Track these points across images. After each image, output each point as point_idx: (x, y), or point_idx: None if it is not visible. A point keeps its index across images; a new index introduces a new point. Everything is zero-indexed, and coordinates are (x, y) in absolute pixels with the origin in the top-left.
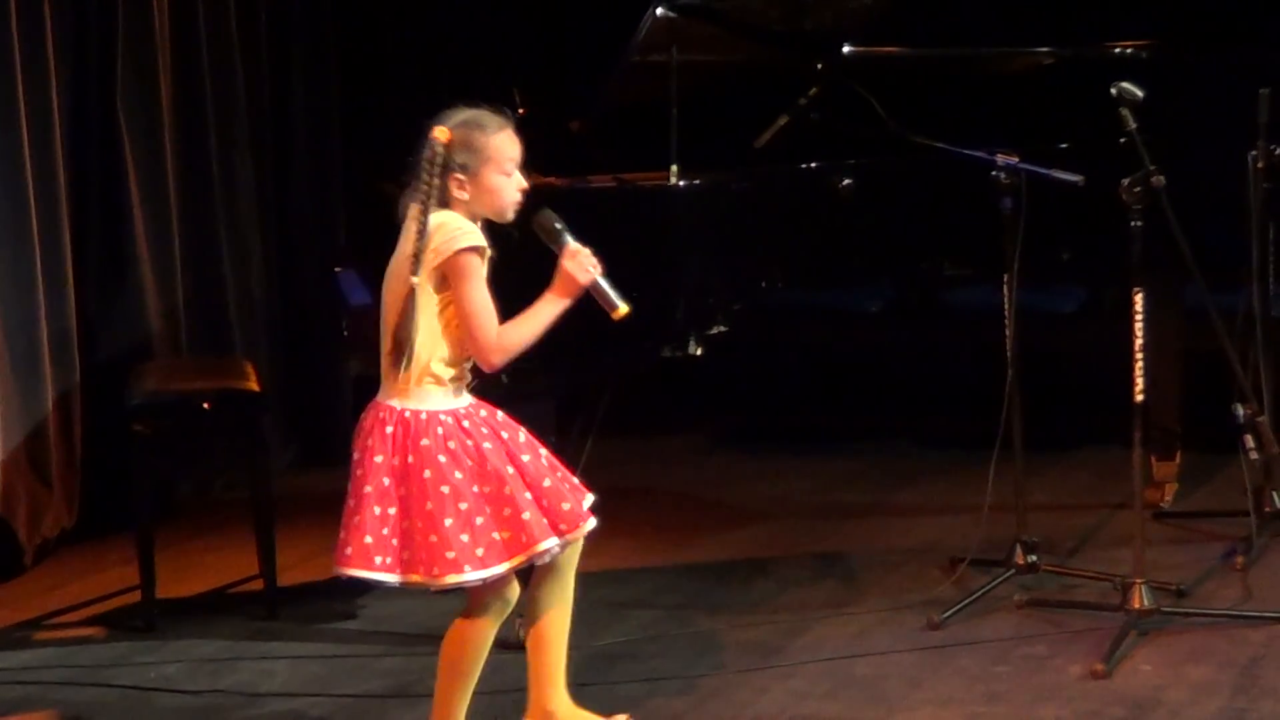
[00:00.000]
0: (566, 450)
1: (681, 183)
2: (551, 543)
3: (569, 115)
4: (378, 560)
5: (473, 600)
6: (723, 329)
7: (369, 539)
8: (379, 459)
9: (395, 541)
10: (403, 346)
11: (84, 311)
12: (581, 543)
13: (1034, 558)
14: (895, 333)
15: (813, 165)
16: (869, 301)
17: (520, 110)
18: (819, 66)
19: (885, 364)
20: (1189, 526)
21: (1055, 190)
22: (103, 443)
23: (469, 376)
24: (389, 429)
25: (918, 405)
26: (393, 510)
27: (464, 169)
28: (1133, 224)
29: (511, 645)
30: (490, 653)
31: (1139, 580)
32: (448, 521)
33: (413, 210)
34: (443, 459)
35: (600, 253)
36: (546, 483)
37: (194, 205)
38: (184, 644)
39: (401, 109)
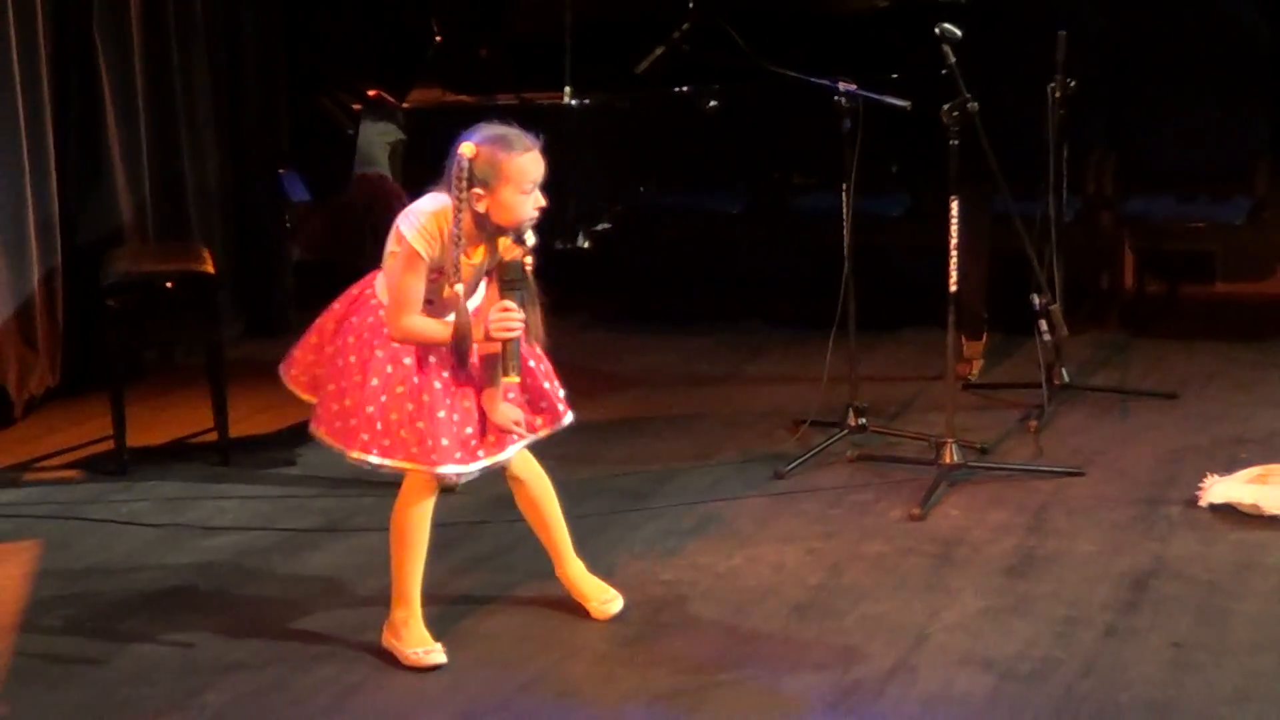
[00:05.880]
0: None
1: (574, 101)
2: (359, 454)
3: (479, 42)
4: (293, 373)
5: (405, 481)
6: (606, 225)
7: (297, 354)
8: (337, 306)
9: (319, 372)
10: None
11: (65, 203)
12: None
13: (863, 420)
14: (750, 231)
15: (684, 89)
16: (728, 204)
17: (437, 38)
18: (690, 5)
19: (741, 257)
20: (992, 396)
21: (887, 113)
22: (81, 315)
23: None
24: (355, 290)
25: (768, 292)
26: (329, 349)
27: (484, 184)
28: (951, 143)
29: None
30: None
31: (949, 439)
32: (329, 386)
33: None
34: (351, 339)
35: None
36: (440, 414)
37: (159, 112)
38: (150, 485)
39: (337, 33)
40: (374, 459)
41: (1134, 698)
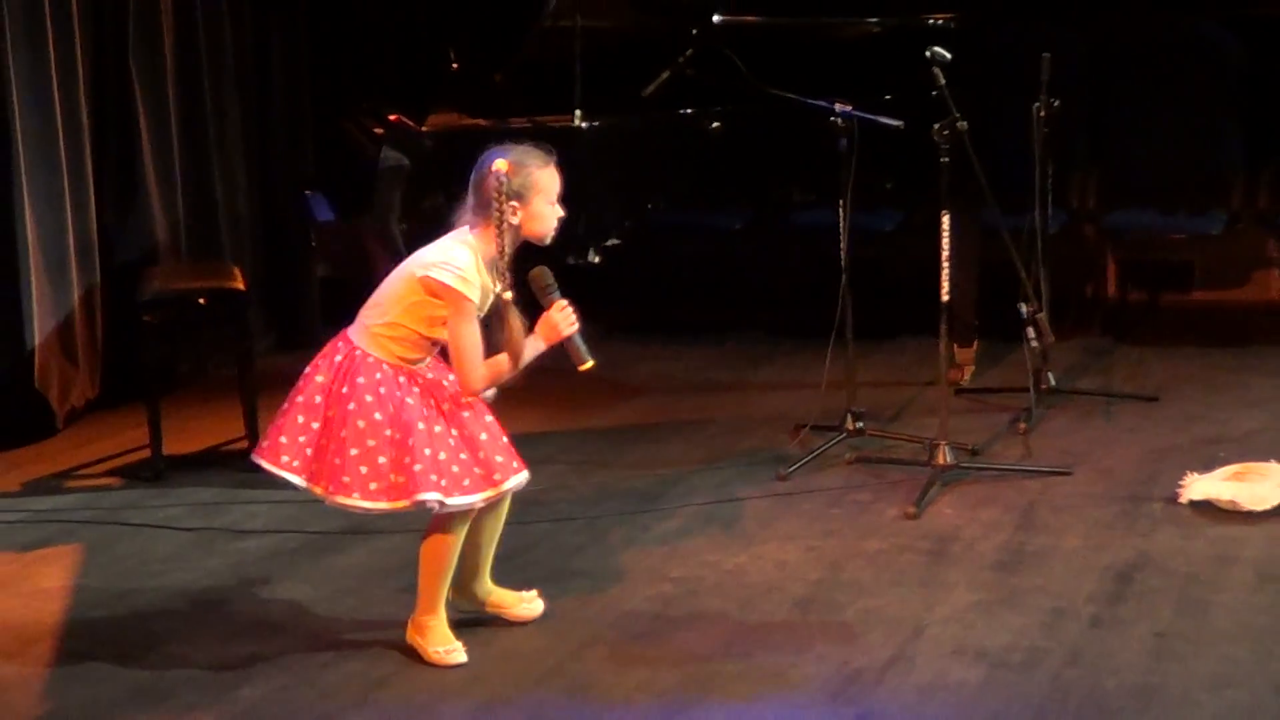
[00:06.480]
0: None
1: (584, 124)
2: (430, 495)
3: (494, 69)
4: (284, 459)
5: (434, 518)
6: (616, 241)
7: (284, 439)
8: (320, 379)
9: (309, 451)
10: (386, 311)
11: (103, 224)
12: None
13: (861, 424)
14: (753, 245)
15: (689, 111)
16: (732, 220)
17: (454, 65)
18: (694, 31)
19: (745, 270)
20: (983, 400)
21: (881, 132)
22: (119, 331)
23: (427, 361)
24: (338, 358)
25: (770, 303)
26: (316, 424)
27: (519, 197)
28: (941, 160)
29: None
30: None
31: (943, 441)
32: (353, 451)
33: (470, 225)
34: (369, 398)
35: None
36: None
37: (191, 138)
38: (185, 491)
39: (359, 62)
40: (443, 498)
41: (1118, 684)
